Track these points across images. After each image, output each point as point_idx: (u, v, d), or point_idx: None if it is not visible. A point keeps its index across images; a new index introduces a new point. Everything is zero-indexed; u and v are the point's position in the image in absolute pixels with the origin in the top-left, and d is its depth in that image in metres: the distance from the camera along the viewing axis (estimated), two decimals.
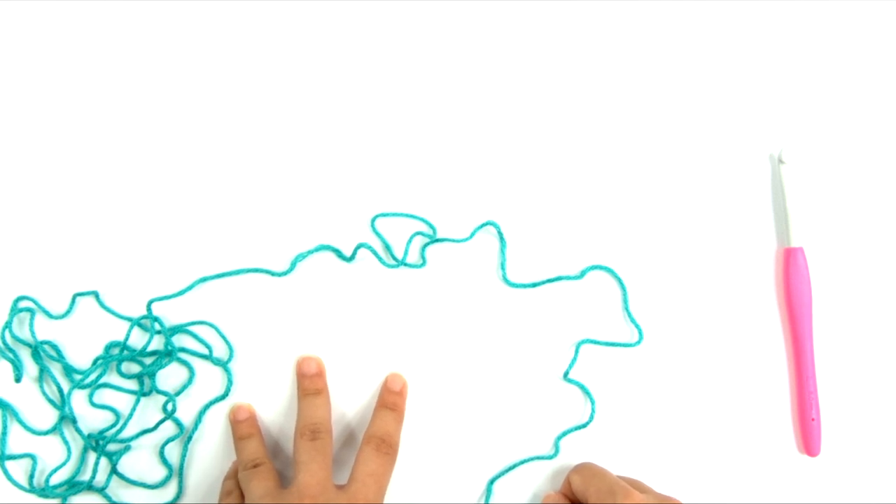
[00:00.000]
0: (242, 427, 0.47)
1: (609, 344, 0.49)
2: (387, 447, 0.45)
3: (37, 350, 0.47)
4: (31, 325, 0.48)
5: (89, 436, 0.47)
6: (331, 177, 0.50)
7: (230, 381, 0.48)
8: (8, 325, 0.47)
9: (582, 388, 0.49)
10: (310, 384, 0.47)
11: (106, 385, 0.47)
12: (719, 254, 0.51)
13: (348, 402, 0.48)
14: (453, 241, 0.50)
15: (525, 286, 0.50)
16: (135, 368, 0.48)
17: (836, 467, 0.49)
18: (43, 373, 0.47)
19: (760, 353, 0.50)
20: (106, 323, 0.48)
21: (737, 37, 0.53)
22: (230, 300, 0.49)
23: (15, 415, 0.47)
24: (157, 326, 0.47)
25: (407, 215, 0.50)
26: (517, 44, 0.52)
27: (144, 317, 0.48)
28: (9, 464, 0.47)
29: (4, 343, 0.47)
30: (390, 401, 0.47)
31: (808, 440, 0.49)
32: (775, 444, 0.49)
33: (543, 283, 0.50)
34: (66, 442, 0.47)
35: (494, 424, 0.48)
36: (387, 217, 0.50)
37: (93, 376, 0.47)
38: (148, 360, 0.48)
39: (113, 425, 0.47)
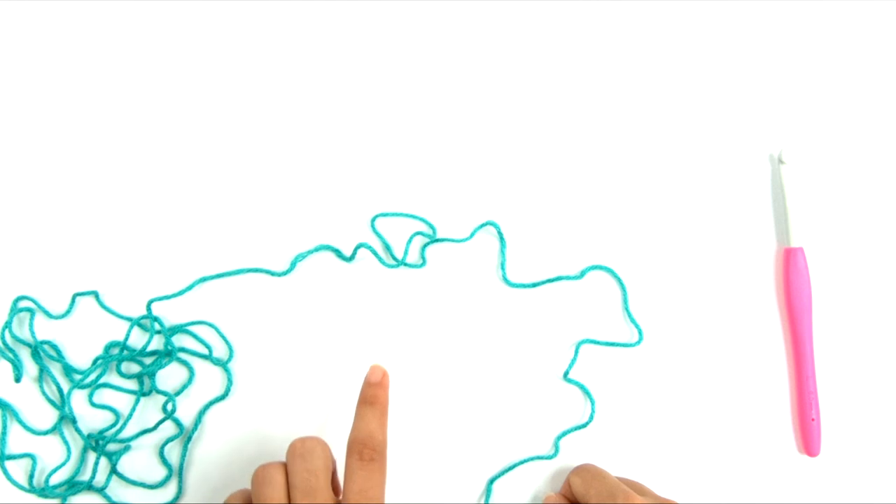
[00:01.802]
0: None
1: (609, 344, 0.49)
2: (371, 452, 0.41)
3: (37, 350, 0.47)
4: (31, 325, 0.48)
5: (89, 436, 0.47)
6: (331, 177, 0.50)
7: (230, 381, 0.48)
8: (8, 325, 0.47)
9: (582, 388, 0.49)
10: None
11: (106, 385, 0.47)
12: (719, 254, 0.51)
13: (348, 403, 0.48)
14: (453, 241, 0.50)
15: (525, 286, 0.50)
16: (135, 368, 0.48)
17: (836, 467, 0.49)
18: (43, 373, 0.47)
19: (760, 353, 0.50)
20: (106, 323, 0.48)
21: (737, 37, 0.53)
22: (230, 300, 0.49)
23: (15, 415, 0.47)
24: (157, 326, 0.47)
25: (407, 215, 0.50)
26: (517, 44, 0.52)
27: (144, 317, 0.48)
28: (9, 464, 0.47)
29: (4, 343, 0.47)
30: (370, 394, 0.43)
31: (808, 440, 0.49)
32: (775, 444, 0.49)
33: (543, 283, 0.50)
34: (65, 442, 0.47)
35: (494, 424, 0.48)
36: (387, 217, 0.50)
37: (93, 376, 0.47)
38: (148, 360, 0.48)
39: (113, 425, 0.47)
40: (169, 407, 0.47)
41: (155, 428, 0.47)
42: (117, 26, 0.51)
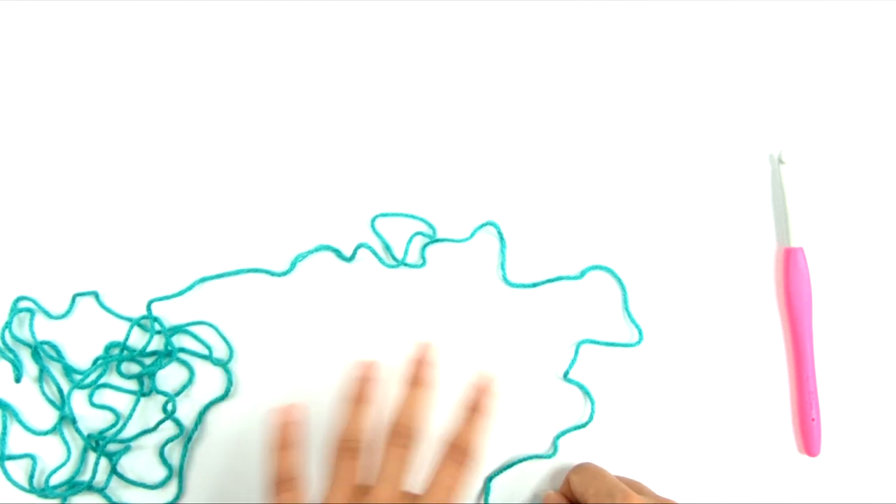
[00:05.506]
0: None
1: (609, 344, 0.49)
2: (461, 455, 0.41)
3: (37, 350, 0.47)
4: (31, 325, 0.48)
5: (89, 436, 0.47)
6: (331, 177, 0.50)
7: (230, 382, 0.48)
8: (8, 325, 0.47)
9: (582, 388, 0.49)
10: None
11: (106, 385, 0.47)
12: (719, 254, 0.51)
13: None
14: (453, 241, 0.50)
15: (525, 286, 0.50)
16: (135, 368, 0.48)
17: (836, 467, 0.49)
18: (43, 373, 0.47)
19: (760, 353, 0.50)
20: (106, 323, 0.48)
21: (737, 37, 0.53)
22: (230, 300, 0.49)
23: (15, 415, 0.47)
24: (157, 326, 0.48)
25: (407, 215, 0.50)
26: (517, 44, 0.52)
27: (144, 317, 0.48)
28: (9, 464, 0.47)
29: (4, 343, 0.47)
30: (475, 400, 0.42)
31: (808, 440, 0.49)
32: (775, 444, 0.49)
33: (543, 283, 0.50)
34: (66, 442, 0.47)
35: (494, 424, 0.48)
36: (387, 217, 0.50)
37: (93, 376, 0.47)
38: (148, 361, 0.48)
39: (113, 425, 0.47)
40: (169, 407, 0.47)
41: (155, 428, 0.47)
42: (117, 26, 0.51)
